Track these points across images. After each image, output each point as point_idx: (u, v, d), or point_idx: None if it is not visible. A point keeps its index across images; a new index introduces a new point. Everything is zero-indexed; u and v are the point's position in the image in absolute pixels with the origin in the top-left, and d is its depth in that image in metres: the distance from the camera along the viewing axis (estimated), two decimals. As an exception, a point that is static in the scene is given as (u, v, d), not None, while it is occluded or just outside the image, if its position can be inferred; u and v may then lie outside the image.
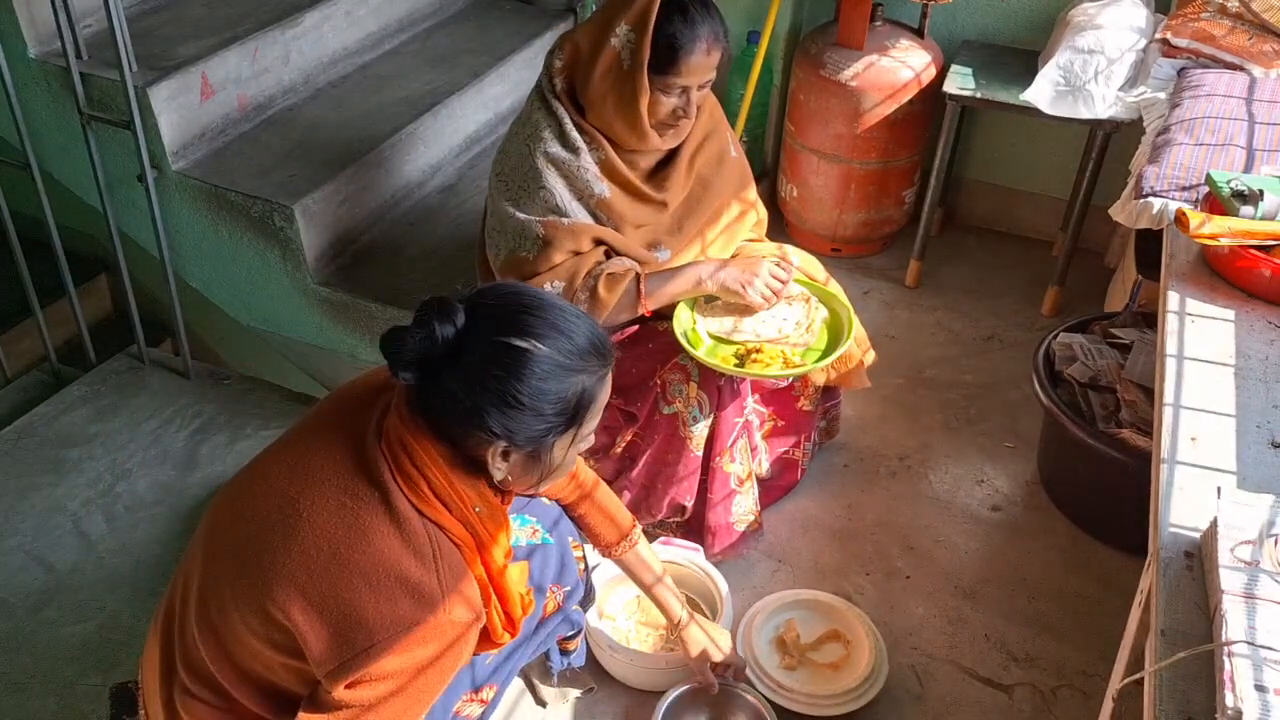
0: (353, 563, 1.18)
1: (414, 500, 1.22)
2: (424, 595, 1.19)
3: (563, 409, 1.23)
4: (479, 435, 1.22)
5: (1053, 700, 1.96)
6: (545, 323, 1.22)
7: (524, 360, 1.19)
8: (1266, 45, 2.37)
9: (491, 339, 1.20)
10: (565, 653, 1.84)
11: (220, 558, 1.28)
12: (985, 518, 2.34)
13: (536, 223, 1.91)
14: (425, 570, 1.20)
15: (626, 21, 1.82)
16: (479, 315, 1.21)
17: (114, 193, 2.39)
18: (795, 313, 2.04)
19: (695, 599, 2.06)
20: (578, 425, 1.27)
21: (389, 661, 1.19)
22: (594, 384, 1.26)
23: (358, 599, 1.17)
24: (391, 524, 1.20)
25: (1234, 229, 1.60)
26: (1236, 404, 1.41)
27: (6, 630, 1.94)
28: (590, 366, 1.25)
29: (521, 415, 1.20)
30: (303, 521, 1.21)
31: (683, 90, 1.89)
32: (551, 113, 1.93)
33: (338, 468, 1.24)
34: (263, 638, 1.23)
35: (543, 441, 1.25)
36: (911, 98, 2.85)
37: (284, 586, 1.19)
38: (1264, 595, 1.07)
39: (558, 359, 1.21)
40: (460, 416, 1.22)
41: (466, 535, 1.27)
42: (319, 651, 1.18)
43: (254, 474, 1.33)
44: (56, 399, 2.46)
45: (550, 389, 1.21)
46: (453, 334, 1.19)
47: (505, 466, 1.26)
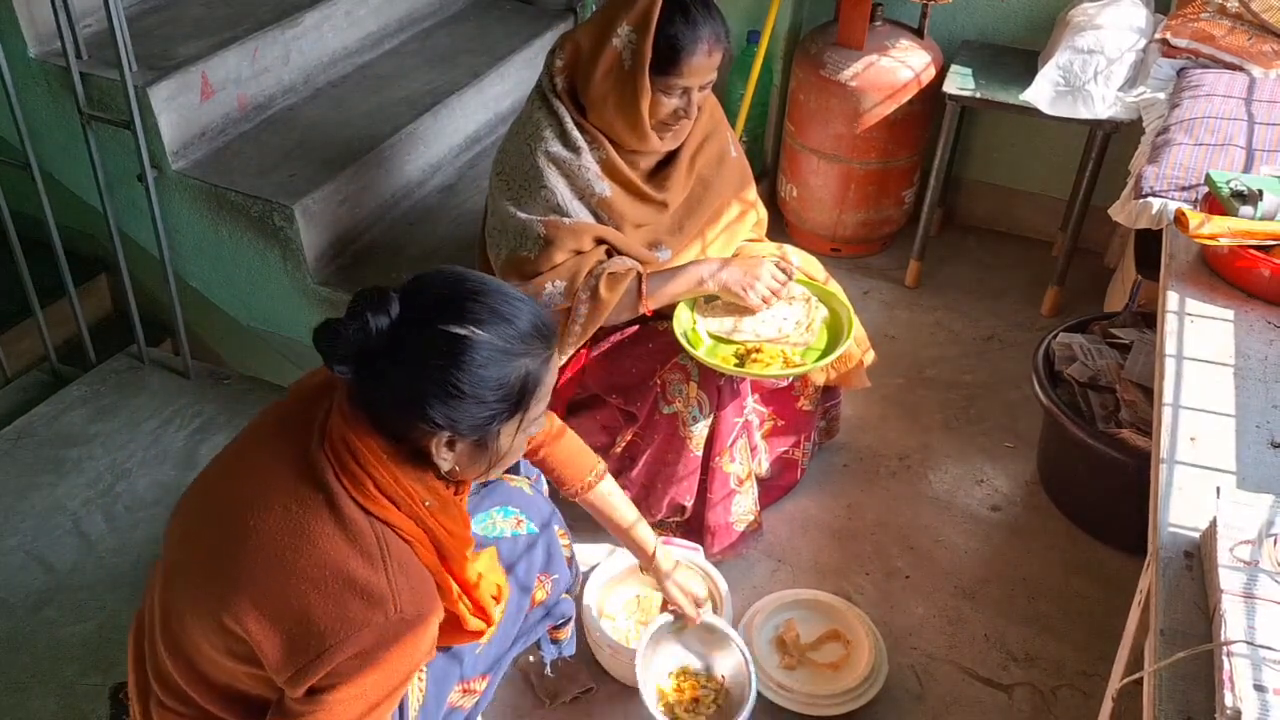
0: (299, 569, 1.16)
1: (360, 500, 1.20)
2: (372, 595, 1.17)
3: (506, 395, 1.21)
4: (422, 427, 1.20)
5: (1052, 700, 1.96)
6: (484, 307, 1.19)
7: (463, 347, 1.17)
8: (1266, 45, 2.37)
9: (429, 327, 1.17)
10: (556, 642, 1.85)
11: (177, 573, 1.28)
12: (985, 518, 2.34)
13: (538, 222, 1.91)
14: (373, 570, 1.18)
15: (628, 22, 1.82)
16: (416, 304, 1.19)
17: (114, 192, 2.39)
18: (795, 312, 2.04)
19: None
20: (523, 410, 1.25)
21: (345, 664, 1.17)
22: (538, 367, 1.24)
23: (307, 605, 1.16)
24: (336, 526, 1.18)
25: (1233, 229, 1.60)
26: (1236, 404, 1.41)
27: (6, 630, 1.95)
28: (533, 350, 1.22)
29: (464, 404, 1.18)
30: (251, 532, 1.19)
31: (684, 91, 1.89)
32: (553, 112, 1.93)
33: (283, 474, 1.22)
34: (223, 650, 1.23)
35: (488, 429, 1.23)
36: (911, 98, 2.85)
37: (237, 598, 1.18)
38: (1263, 595, 1.07)
39: (498, 344, 1.19)
40: (401, 409, 1.20)
41: (418, 531, 1.25)
42: (275, 660, 1.18)
43: (204, 487, 1.32)
44: (56, 399, 2.46)
45: (492, 375, 1.19)
46: (387, 324, 1.16)
47: (451, 456, 1.24)
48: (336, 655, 1.16)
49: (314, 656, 1.16)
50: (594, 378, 2.10)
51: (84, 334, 2.54)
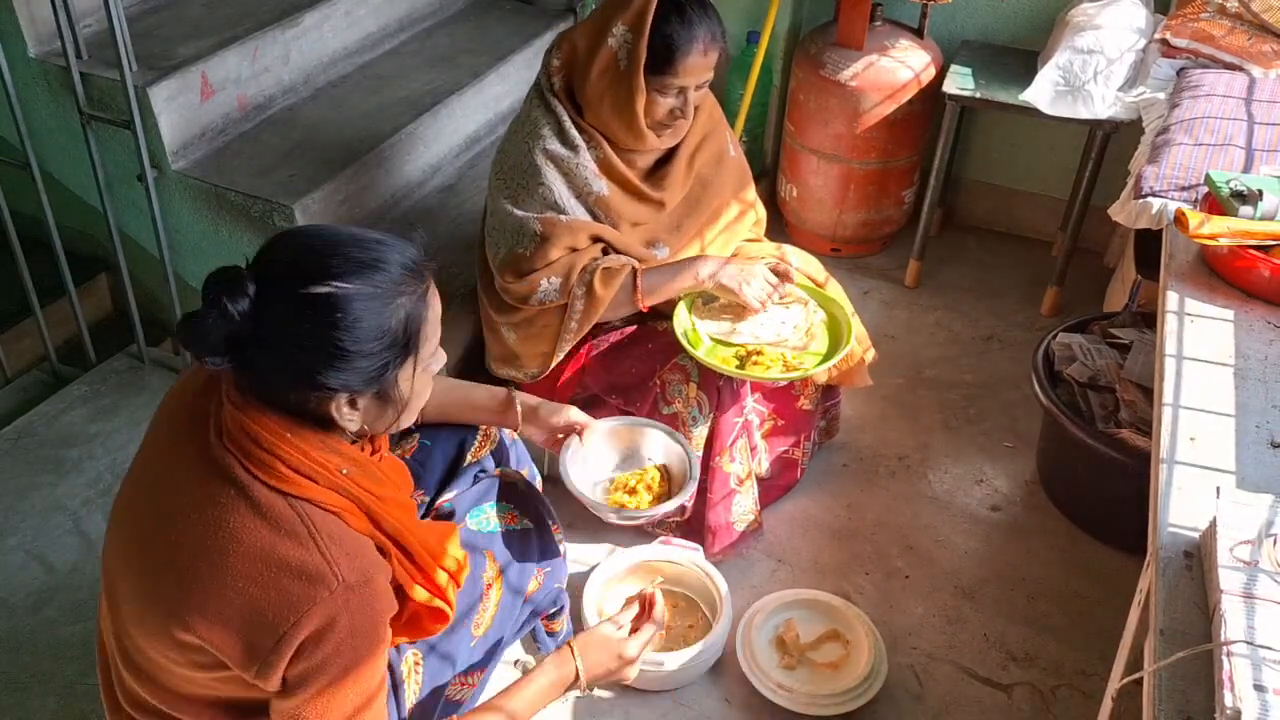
0: (232, 568, 1.15)
1: (275, 484, 1.17)
2: (309, 572, 1.15)
3: (392, 341, 1.17)
4: (316, 395, 1.17)
5: (1052, 700, 1.96)
6: (342, 259, 1.15)
7: (333, 305, 1.12)
8: (1266, 45, 2.37)
9: (291, 295, 1.13)
10: (552, 634, 1.85)
11: (120, 603, 1.27)
12: (985, 517, 2.34)
13: (534, 219, 1.91)
14: (303, 548, 1.16)
15: (623, 22, 1.82)
16: (272, 275, 1.14)
17: (114, 192, 2.39)
18: (794, 317, 2.04)
19: (695, 599, 2.07)
20: (414, 351, 1.21)
21: (308, 645, 1.16)
22: (415, 304, 1.19)
23: (249, 600, 1.14)
24: (256, 517, 1.16)
25: (1233, 229, 1.60)
26: (1236, 404, 1.41)
27: (6, 630, 1.95)
28: (406, 289, 1.18)
29: (351, 361, 1.14)
30: (175, 546, 1.18)
31: (680, 91, 1.89)
32: (550, 111, 1.94)
33: (189, 480, 1.20)
34: (186, 663, 1.22)
35: (383, 380, 1.19)
36: (911, 98, 2.85)
37: (181, 611, 1.17)
38: (1263, 595, 1.07)
39: (368, 291, 1.14)
40: (290, 382, 1.16)
41: (342, 501, 1.22)
42: (237, 658, 1.17)
43: (121, 508, 1.30)
44: (56, 399, 2.46)
45: (370, 325, 1.14)
46: (248, 306, 1.12)
47: (356, 415, 1.21)
48: (294, 638, 1.14)
49: (273, 645, 1.14)
50: (594, 378, 2.10)
51: (84, 334, 2.54)
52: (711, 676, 1.98)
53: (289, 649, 1.15)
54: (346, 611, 1.16)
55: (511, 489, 1.70)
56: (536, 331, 2.05)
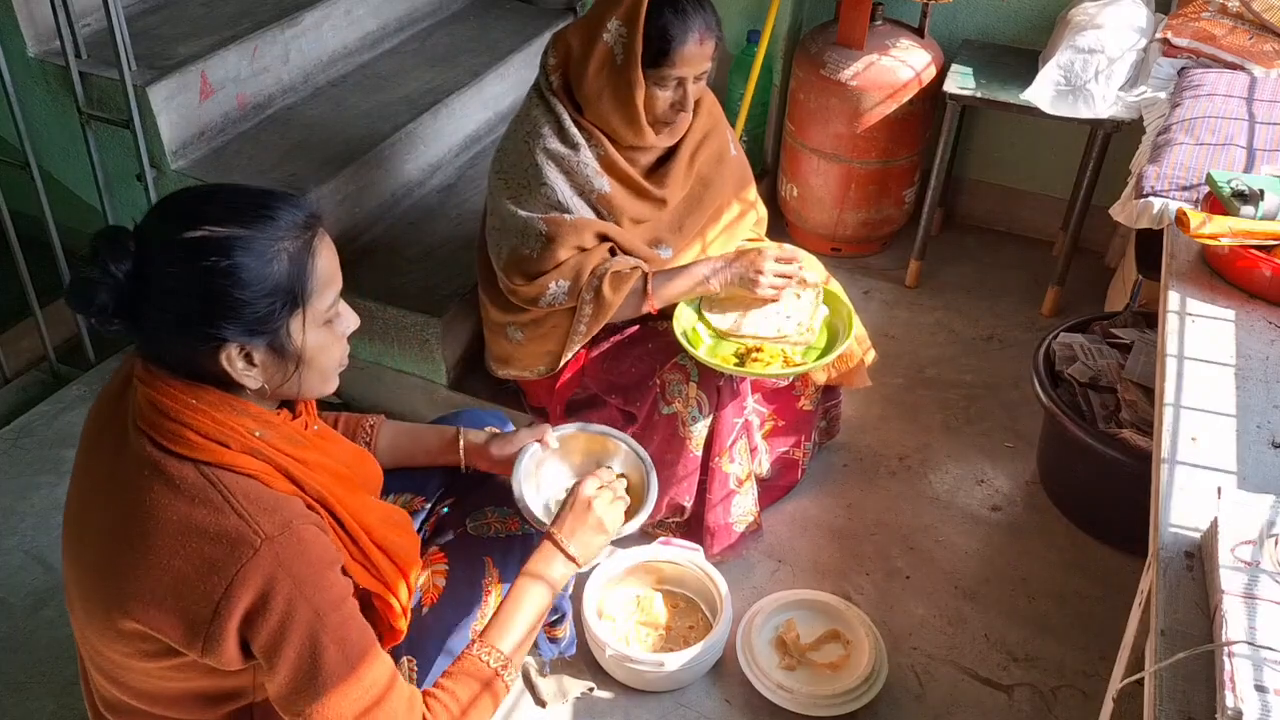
0: (155, 546, 1.14)
1: (186, 453, 1.16)
2: (228, 534, 1.13)
3: (274, 287, 1.14)
4: (206, 348, 1.15)
5: (1053, 700, 1.96)
6: (219, 206, 1.14)
7: (208, 249, 1.11)
8: (1267, 45, 2.37)
9: (169, 242, 1.12)
10: (554, 640, 1.84)
11: (74, 605, 1.27)
12: (985, 518, 2.34)
13: (539, 219, 1.91)
14: (218, 513, 1.14)
15: (617, 17, 1.82)
16: (152, 230, 1.14)
17: (113, 192, 2.39)
18: (796, 312, 2.04)
19: (695, 599, 2.06)
20: (303, 300, 1.18)
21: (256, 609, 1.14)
22: (299, 251, 1.17)
23: (176, 575, 1.13)
24: (170, 492, 1.15)
25: (1234, 229, 1.59)
26: (1237, 404, 1.41)
27: (6, 630, 1.94)
28: (289, 235, 1.16)
29: (233, 308, 1.12)
30: (102, 536, 1.18)
31: (679, 83, 1.88)
32: (550, 109, 1.93)
33: (111, 475, 1.20)
34: (137, 654, 1.21)
35: (272, 329, 1.17)
36: (912, 97, 2.85)
37: (117, 600, 1.16)
38: (1264, 595, 1.07)
39: (244, 234, 1.12)
40: (179, 337, 1.15)
41: (257, 463, 1.20)
42: (181, 636, 1.15)
43: (67, 513, 1.30)
44: (56, 398, 2.46)
45: (247, 268, 1.12)
46: (131, 264, 1.12)
47: (253, 371, 1.19)
48: (233, 604, 1.12)
49: (210, 615, 1.13)
50: (594, 378, 2.10)
51: (83, 334, 2.54)
52: (712, 677, 1.97)
53: (230, 617, 1.13)
54: (280, 565, 1.14)
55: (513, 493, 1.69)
56: (545, 331, 2.05)
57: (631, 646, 1.95)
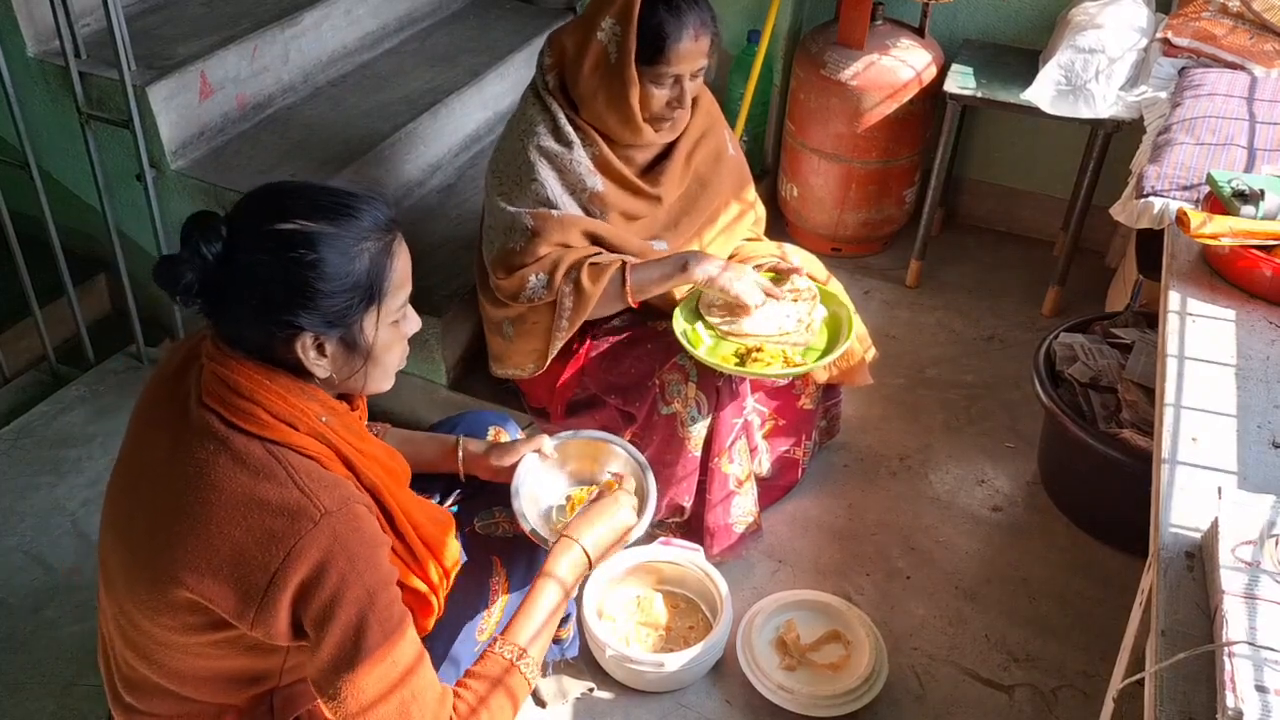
0: (215, 516, 1.16)
1: (255, 430, 1.19)
2: (289, 507, 1.16)
3: (355, 283, 1.20)
4: (284, 334, 1.19)
5: (1053, 701, 1.96)
6: (311, 203, 1.19)
7: (297, 241, 1.16)
8: (1267, 45, 2.36)
9: (258, 231, 1.17)
10: (557, 641, 1.85)
11: (112, 580, 1.28)
12: (986, 518, 2.34)
13: (526, 214, 1.91)
14: (281, 487, 1.17)
15: (611, 15, 1.82)
16: (243, 217, 1.19)
17: (113, 192, 2.39)
18: (796, 311, 2.04)
19: (695, 599, 2.06)
20: (379, 299, 1.23)
21: (309, 583, 1.16)
22: (380, 252, 1.22)
23: (235, 544, 1.15)
24: (235, 465, 1.18)
25: (1235, 229, 1.59)
26: (1237, 404, 1.41)
27: (6, 630, 1.94)
28: (372, 235, 1.21)
29: (313, 299, 1.17)
30: (160, 508, 1.20)
31: (675, 80, 1.88)
32: (546, 108, 1.93)
33: (171, 448, 1.21)
34: (182, 627, 1.22)
35: (347, 322, 1.21)
36: (912, 97, 2.84)
37: (170, 570, 1.17)
38: (1265, 596, 1.07)
39: (331, 231, 1.18)
40: (258, 321, 1.19)
41: (321, 447, 1.24)
42: (233, 607, 1.16)
43: (112, 491, 1.31)
44: (55, 399, 2.46)
45: (331, 262, 1.17)
46: (221, 248, 1.17)
47: (324, 361, 1.23)
48: (289, 575, 1.15)
49: (265, 584, 1.15)
50: (593, 378, 2.09)
51: (83, 334, 2.54)
52: (712, 678, 1.97)
53: (285, 588, 1.15)
54: (336, 539, 1.17)
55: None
56: (529, 328, 2.05)
57: (631, 647, 1.95)
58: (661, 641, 1.98)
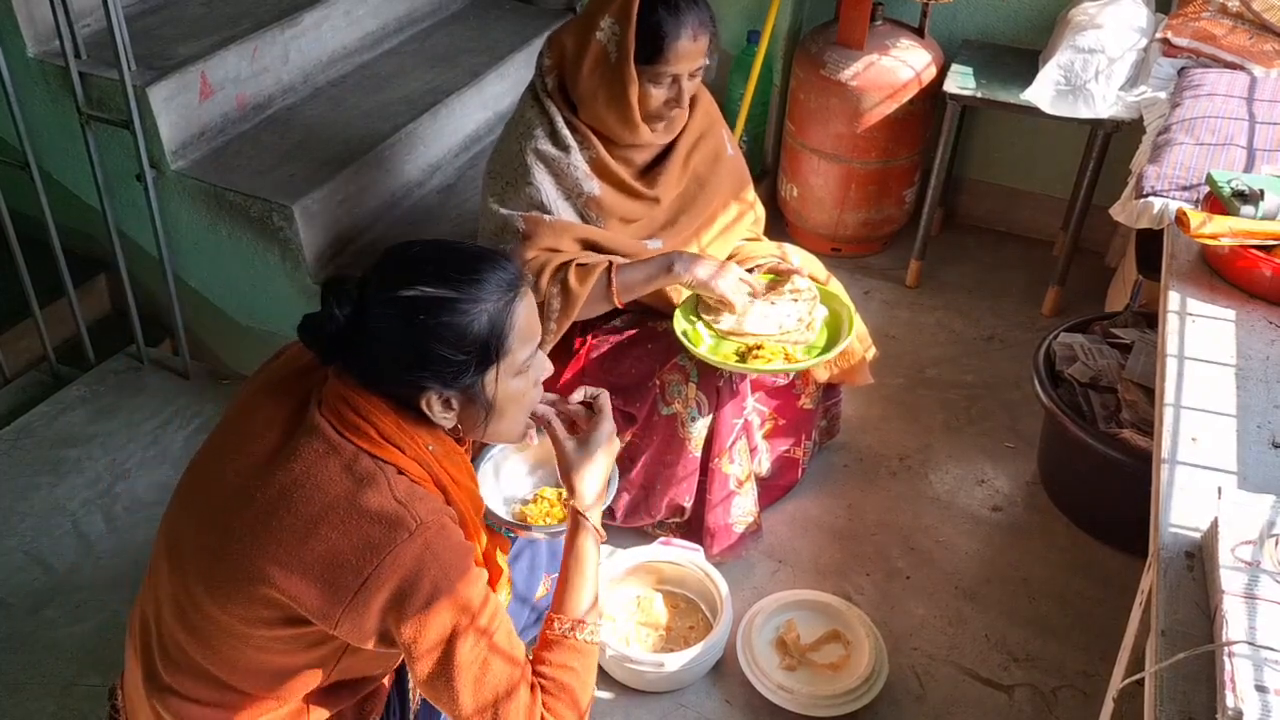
0: (313, 516, 1.19)
1: (364, 445, 1.23)
2: (388, 517, 1.20)
3: (473, 345, 1.23)
4: (409, 390, 1.25)
5: (1053, 701, 1.96)
6: (435, 267, 1.23)
7: (416, 308, 1.21)
8: (1267, 45, 2.36)
9: (383, 298, 1.22)
10: None
11: (186, 561, 1.28)
12: (986, 518, 2.34)
13: (518, 217, 1.91)
14: (381, 495, 1.21)
15: (610, 14, 1.82)
16: (372, 281, 1.24)
17: (113, 192, 2.39)
18: (797, 309, 2.04)
19: (695, 599, 2.06)
20: (499, 358, 1.26)
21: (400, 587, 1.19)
22: (499, 312, 1.25)
23: (329, 545, 1.18)
24: (340, 469, 1.21)
25: (1235, 229, 1.59)
26: (1237, 404, 1.41)
27: (6, 630, 1.94)
28: (491, 297, 1.24)
29: (433, 363, 1.22)
30: (256, 501, 1.22)
31: (673, 80, 1.87)
32: (544, 111, 1.93)
33: (280, 442, 1.25)
34: (253, 620, 1.23)
35: (466, 382, 1.25)
36: (912, 97, 2.85)
37: (258, 564, 1.19)
38: (1265, 596, 1.07)
39: (450, 296, 1.22)
40: (386, 378, 1.24)
41: (423, 473, 1.28)
42: (318, 606, 1.19)
43: (197, 474, 1.34)
44: (55, 399, 2.45)
45: (450, 327, 1.21)
46: (350, 311, 1.22)
47: (450, 414, 1.27)
48: (382, 581, 1.18)
49: (358, 586, 1.18)
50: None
51: (83, 334, 2.54)
52: (712, 677, 1.97)
53: (378, 592, 1.18)
54: (430, 551, 1.21)
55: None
56: None
57: (631, 647, 1.95)
58: (661, 641, 1.99)
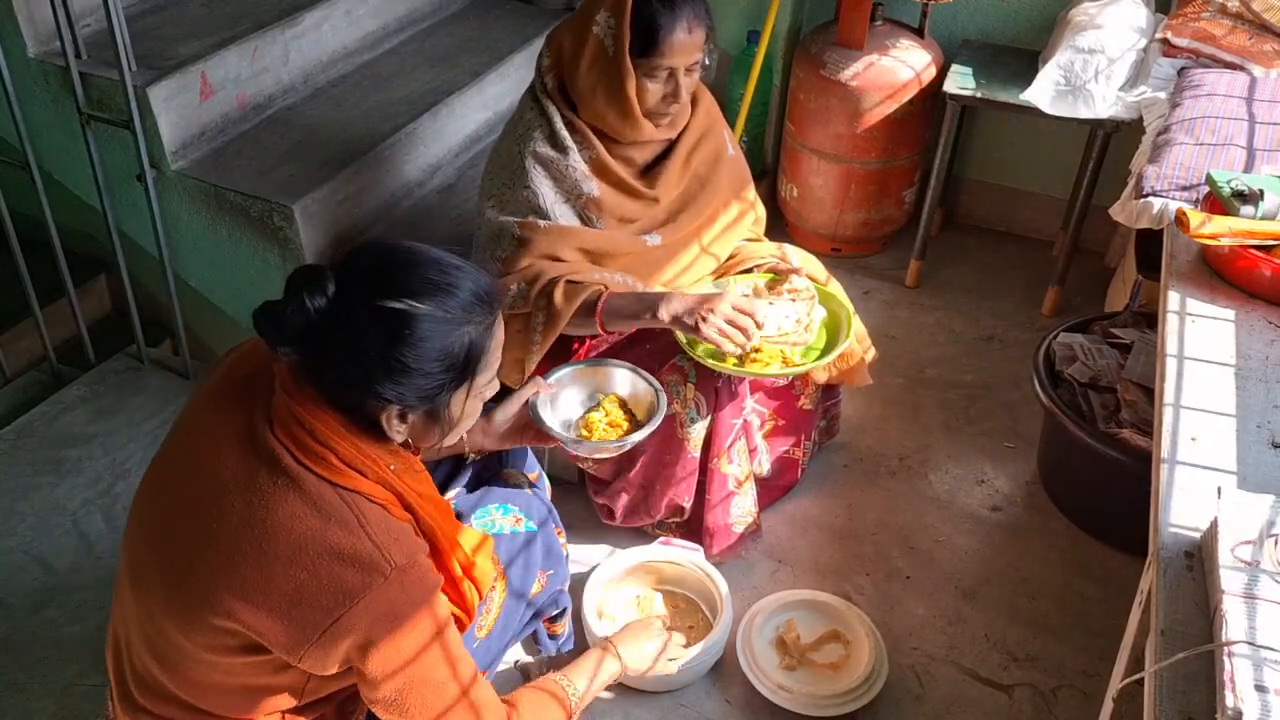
0: (280, 555, 1.16)
1: (325, 475, 1.20)
2: (362, 560, 1.18)
3: (450, 364, 1.21)
4: (371, 402, 1.20)
5: (1053, 701, 1.96)
6: (420, 279, 1.19)
7: (403, 322, 1.17)
8: (1267, 45, 2.37)
9: (367, 304, 1.17)
10: (554, 637, 1.86)
11: (146, 585, 1.26)
12: (985, 518, 2.34)
13: (515, 223, 1.91)
14: (353, 536, 1.18)
15: (605, 9, 1.82)
16: (353, 279, 1.19)
17: (113, 192, 2.39)
18: (795, 311, 2.04)
19: (695, 600, 2.06)
20: (470, 378, 1.25)
21: (370, 631, 1.18)
22: (480, 335, 1.23)
23: (298, 586, 1.16)
24: (306, 505, 1.18)
25: (1234, 229, 1.59)
26: (1237, 404, 1.41)
27: (6, 630, 1.94)
28: (474, 318, 1.22)
29: (409, 378, 1.18)
30: (217, 533, 1.18)
31: (670, 74, 1.87)
32: (543, 112, 1.93)
33: (237, 467, 1.21)
34: (216, 648, 1.22)
35: (436, 400, 1.23)
36: (912, 97, 2.85)
37: (221, 597, 1.17)
38: (1264, 595, 1.07)
39: (438, 315, 1.18)
40: (349, 385, 1.20)
41: (387, 494, 1.25)
42: (282, 642, 1.18)
43: (151, 491, 1.30)
44: (56, 399, 2.45)
45: (434, 347, 1.19)
46: (325, 304, 1.16)
47: (404, 428, 1.24)
48: (351, 627, 1.17)
49: (327, 626, 1.16)
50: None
51: (84, 334, 2.54)
52: (712, 677, 1.97)
53: (348, 634, 1.17)
54: (405, 593, 1.20)
55: (516, 491, 1.70)
56: (510, 337, 2.03)
57: None
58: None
